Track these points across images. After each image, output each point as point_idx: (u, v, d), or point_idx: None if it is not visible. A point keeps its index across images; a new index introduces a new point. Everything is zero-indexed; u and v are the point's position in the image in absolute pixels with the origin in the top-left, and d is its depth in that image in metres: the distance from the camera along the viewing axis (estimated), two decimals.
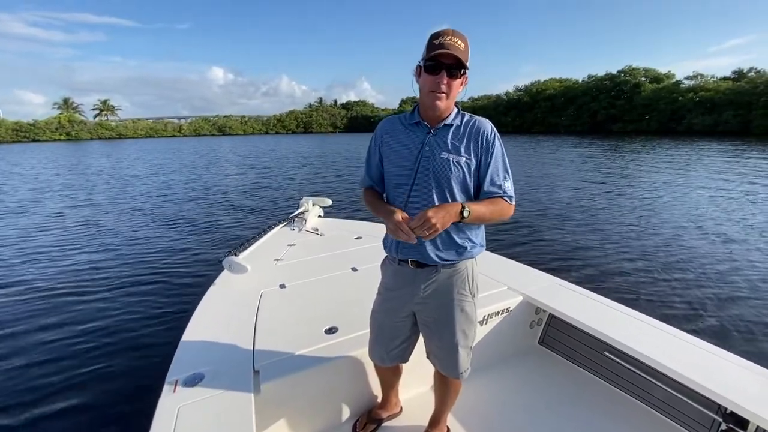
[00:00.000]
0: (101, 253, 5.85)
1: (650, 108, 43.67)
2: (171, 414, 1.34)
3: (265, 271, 2.73)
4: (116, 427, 2.42)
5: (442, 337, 1.49)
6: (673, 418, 1.84)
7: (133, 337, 3.42)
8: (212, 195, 11.03)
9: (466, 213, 1.24)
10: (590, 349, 2.18)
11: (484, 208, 1.31)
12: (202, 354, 1.72)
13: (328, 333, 1.92)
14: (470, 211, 1.26)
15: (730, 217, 7.22)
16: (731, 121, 36.05)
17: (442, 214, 1.19)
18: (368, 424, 1.84)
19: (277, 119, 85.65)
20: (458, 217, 1.24)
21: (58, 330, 3.56)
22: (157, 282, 4.65)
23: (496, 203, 1.35)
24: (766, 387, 1.49)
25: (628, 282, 4.42)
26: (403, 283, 1.51)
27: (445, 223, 1.20)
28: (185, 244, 6.24)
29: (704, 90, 40.51)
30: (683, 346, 1.75)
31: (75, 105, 74.84)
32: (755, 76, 39.93)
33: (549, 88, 56.76)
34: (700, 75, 45.32)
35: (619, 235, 6.27)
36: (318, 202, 4.21)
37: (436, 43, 1.25)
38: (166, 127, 76.05)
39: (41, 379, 2.86)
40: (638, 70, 48.57)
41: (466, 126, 1.39)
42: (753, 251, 5.38)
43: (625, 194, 9.75)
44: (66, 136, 62.87)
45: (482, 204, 1.32)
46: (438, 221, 1.16)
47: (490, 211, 1.33)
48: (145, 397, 1.81)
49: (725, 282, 4.39)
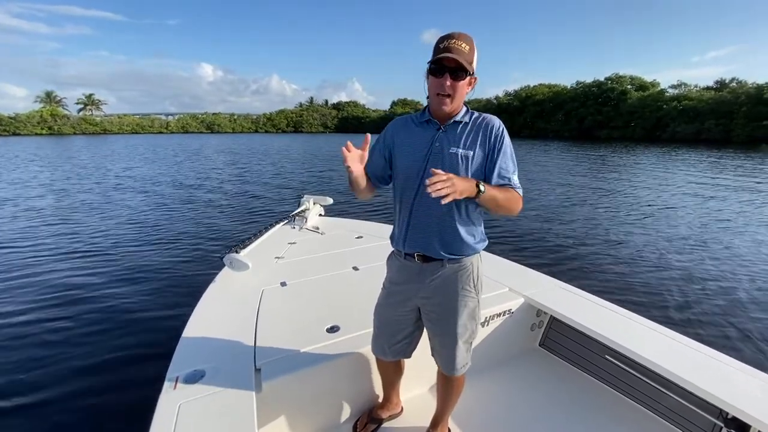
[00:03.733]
0: (101, 249, 5.76)
1: (636, 115, 44.67)
2: (171, 411, 1.32)
3: (266, 268, 2.71)
4: (116, 423, 2.39)
5: (444, 331, 1.50)
6: (674, 423, 1.84)
7: (134, 334, 3.38)
8: (213, 192, 10.94)
9: (482, 187, 1.24)
10: (591, 352, 2.19)
11: (497, 191, 1.31)
12: (203, 351, 1.70)
13: (330, 332, 1.91)
14: (485, 189, 1.25)
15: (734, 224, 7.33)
16: (713, 130, 37.09)
17: (463, 182, 1.18)
18: (369, 424, 1.83)
19: (267, 118, 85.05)
20: (475, 191, 1.23)
21: (58, 326, 3.51)
22: (158, 278, 4.61)
23: (507, 191, 1.36)
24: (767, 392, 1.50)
25: (630, 285, 4.46)
26: (408, 277, 1.51)
27: (463, 192, 1.18)
28: (186, 241, 6.18)
29: (688, 99, 41.69)
30: (685, 351, 1.76)
31: (58, 99, 73.04)
32: (736, 87, 41.29)
33: (538, 93, 57.61)
34: (683, 84, 46.77)
35: (621, 239, 6.36)
36: (319, 201, 4.20)
37: (441, 46, 1.28)
38: (152, 124, 74.63)
39: (41, 376, 2.83)
40: (625, 78, 49.66)
41: (475, 122, 1.42)
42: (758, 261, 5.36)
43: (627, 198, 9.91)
44: (48, 130, 61.18)
45: (495, 188, 1.33)
46: (458, 186, 1.15)
47: (502, 196, 1.32)
48: (145, 394, 1.77)
49: (729, 287, 4.42)
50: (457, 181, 1.15)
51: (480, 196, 1.25)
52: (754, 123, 34.77)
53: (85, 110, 75.23)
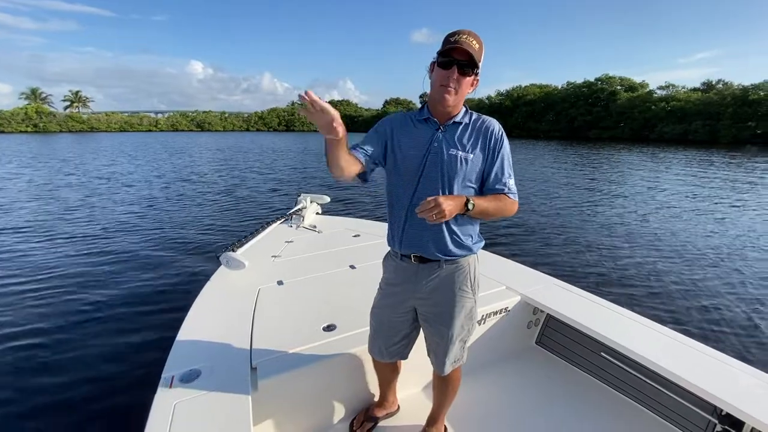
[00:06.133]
0: (96, 247, 5.68)
1: (625, 116, 45.18)
2: (167, 410, 1.30)
3: (262, 267, 2.70)
4: (111, 423, 2.37)
5: (441, 333, 1.50)
6: (669, 420, 1.86)
7: (129, 333, 3.34)
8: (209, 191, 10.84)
9: (470, 206, 1.27)
10: (587, 349, 2.21)
11: (487, 203, 1.34)
12: (198, 350, 1.68)
13: (326, 330, 1.90)
14: (474, 204, 1.28)
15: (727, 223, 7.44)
16: (700, 131, 37.71)
17: (451, 201, 1.19)
18: (365, 423, 1.82)
19: (258, 116, 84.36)
20: (464, 208, 1.26)
21: (52, 325, 3.45)
22: (153, 277, 4.55)
23: (499, 199, 1.38)
24: (762, 389, 1.52)
25: (626, 283, 4.51)
26: (405, 278, 1.51)
27: (452, 212, 1.20)
28: (182, 240, 6.12)
29: (675, 100, 42.27)
30: (680, 348, 1.78)
31: (44, 95, 71.49)
32: (723, 88, 41.99)
33: (529, 93, 57.93)
34: (671, 85, 47.27)
35: (617, 237, 6.43)
36: (316, 199, 4.19)
37: (452, 40, 1.29)
38: (141, 121, 73.33)
39: (33, 376, 2.78)
40: (614, 79, 50.17)
41: (475, 124, 1.42)
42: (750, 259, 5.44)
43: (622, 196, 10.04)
44: (33, 128, 59.77)
45: (485, 199, 1.35)
46: (446, 207, 1.16)
47: (493, 206, 1.35)
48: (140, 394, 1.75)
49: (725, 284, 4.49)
50: (445, 205, 1.15)
51: (469, 212, 1.28)
52: (739, 124, 35.47)
53: (71, 107, 73.82)
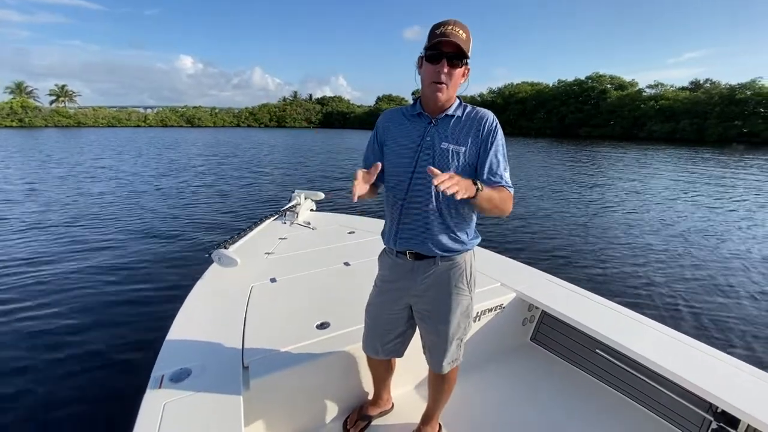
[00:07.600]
0: (86, 244, 5.59)
1: (615, 114, 45.70)
2: (156, 410, 1.28)
3: (255, 264, 2.66)
4: (100, 423, 2.33)
5: (436, 330, 1.49)
6: (664, 417, 1.87)
7: (118, 331, 3.28)
8: (202, 186, 10.75)
9: (480, 186, 1.20)
10: (582, 346, 2.21)
11: (492, 190, 1.28)
12: (189, 349, 1.65)
13: (320, 328, 1.88)
14: (482, 187, 1.22)
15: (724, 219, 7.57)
16: (688, 129, 38.28)
17: (465, 181, 1.14)
18: (359, 421, 1.81)
19: (249, 112, 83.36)
20: (473, 190, 1.19)
21: (40, 321, 3.39)
22: (144, 274, 4.49)
23: (500, 190, 1.33)
24: (757, 386, 1.53)
25: (621, 280, 4.54)
26: (400, 275, 1.49)
27: (467, 189, 1.14)
28: (173, 236, 6.03)
29: (664, 98, 42.87)
30: (675, 345, 1.78)
31: (29, 90, 69.94)
32: (710, 87, 42.71)
33: (521, 91, 58.23)
34: (660, 84, 47.88)
35: (613, 234, 6.50)
36: (310, 196, 4.14)
37: (438, 32, 1.25)
38: (130, 117, 71.89)
39: (21, 375, 2.73)
40: (605, 77, 50.66)
41: (468, 116, 1.38)
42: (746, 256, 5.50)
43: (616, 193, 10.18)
44: (18, 122, 58.43)
45: (489, 187, 1.29)
46: (462, 184, 1.11)
47: (497, 196, 1.29)
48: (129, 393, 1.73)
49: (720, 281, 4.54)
50: (461, 181, 1.11)
51: (477, 195, 1.21)
52: (726, 123, 36.07)
53: (57, 102, 72.28)
